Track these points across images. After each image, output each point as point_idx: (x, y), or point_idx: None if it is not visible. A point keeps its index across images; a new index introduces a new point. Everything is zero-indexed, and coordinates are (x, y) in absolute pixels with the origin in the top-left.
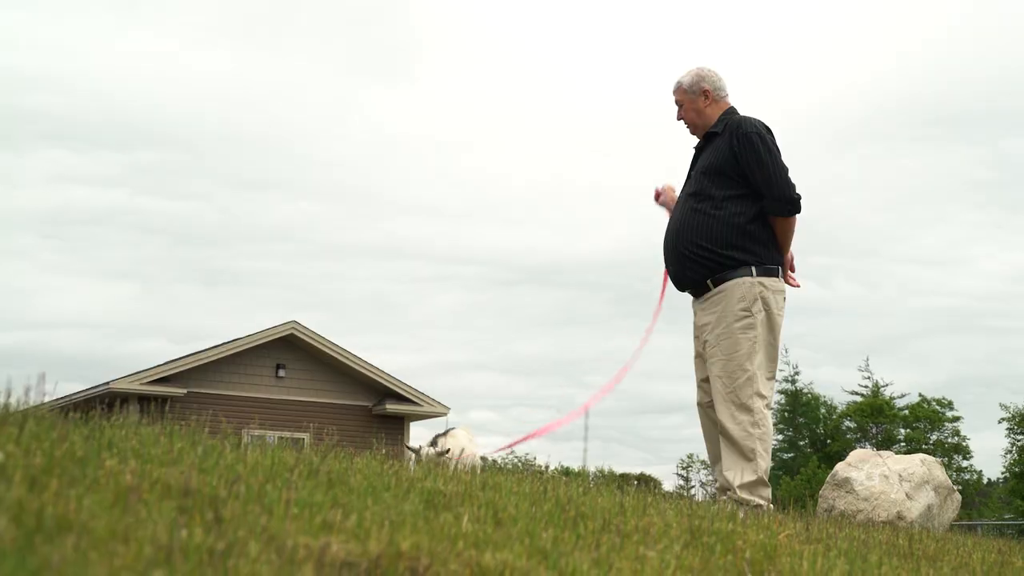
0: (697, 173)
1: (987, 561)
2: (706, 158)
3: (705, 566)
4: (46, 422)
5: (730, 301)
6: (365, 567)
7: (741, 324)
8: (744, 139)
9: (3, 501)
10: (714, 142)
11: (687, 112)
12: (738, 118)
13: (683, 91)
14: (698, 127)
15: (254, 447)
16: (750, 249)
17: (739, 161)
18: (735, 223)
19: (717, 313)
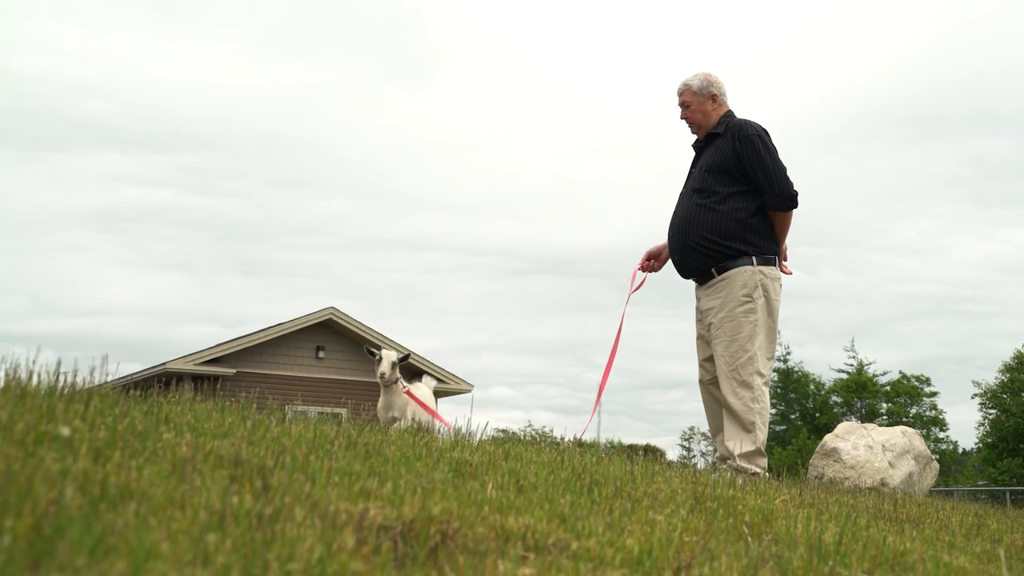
0: (701, 171)
1: (965, 523)
2: (709, 157)
3: (709, 528)
4: (109, 399)
5: (733, 288)
6: (400, 530)
7: (743, 309)
8: (746, 140)
9: (70, 472)
10: (716, 142)
11: (694, 113)
12: (738, 120)
13: (692, 93)
14: (702, 127)
15: (297, 421)
16: (750, 240)
17: (741, 160)
18: (737, 217)
19: (721, 298)
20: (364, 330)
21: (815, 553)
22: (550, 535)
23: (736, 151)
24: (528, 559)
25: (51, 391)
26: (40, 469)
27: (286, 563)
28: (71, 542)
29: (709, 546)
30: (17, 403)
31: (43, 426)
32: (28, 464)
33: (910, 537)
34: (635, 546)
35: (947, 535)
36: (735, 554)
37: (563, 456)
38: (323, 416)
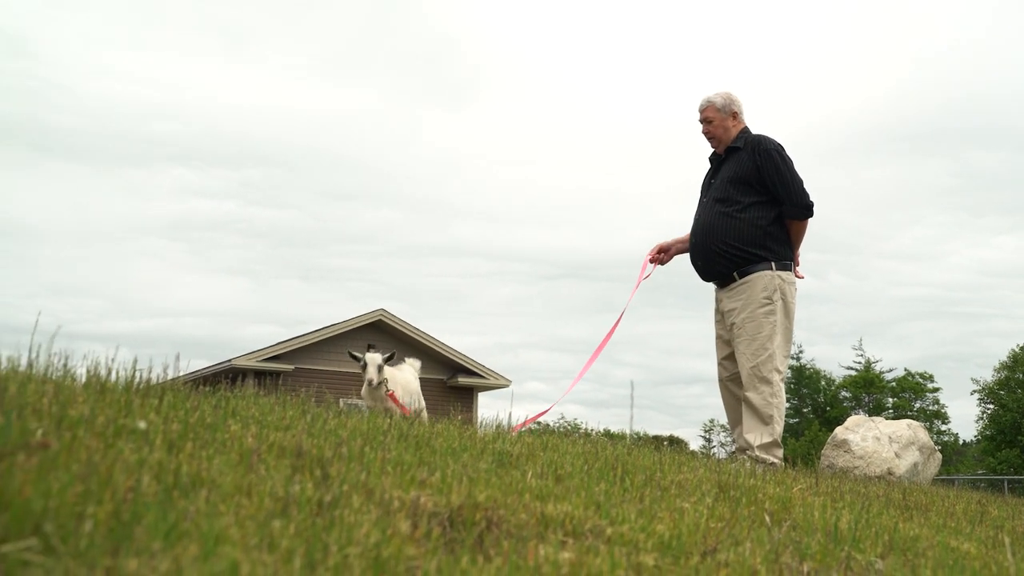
0: (723, 182)
1: (969, 511)
2: (730, 169)
3: (733, 515)
4: (181, 394)
5: (754, 291)
6: (448, 516)
7: (764, 310)
8: (765, 154)
9: (146, 462)
10: (736, 156)
11: (716, 128)
12: (757, 136)
13: (715, 110)
14: (722, 142)
15: (351, 414)
16: (769, 247)
17: (761, 173)
18: (757, 225)
19: (742, 300)
20: (411, 330)
21: (831, 539)
22: (587, 521)
23: (757, 164)
24: (567, 544)
25: (128, 387)
26: (119, 460)
27: (345, 547)
28: (147, 527)
29: (733, 532)
30: (98, 398)
31: (121, 420)
32: (108, 455)
33: (918, 524)
34: (665, 532)
35: (952, 522)
36: (757, 539)
37: (596, 447)
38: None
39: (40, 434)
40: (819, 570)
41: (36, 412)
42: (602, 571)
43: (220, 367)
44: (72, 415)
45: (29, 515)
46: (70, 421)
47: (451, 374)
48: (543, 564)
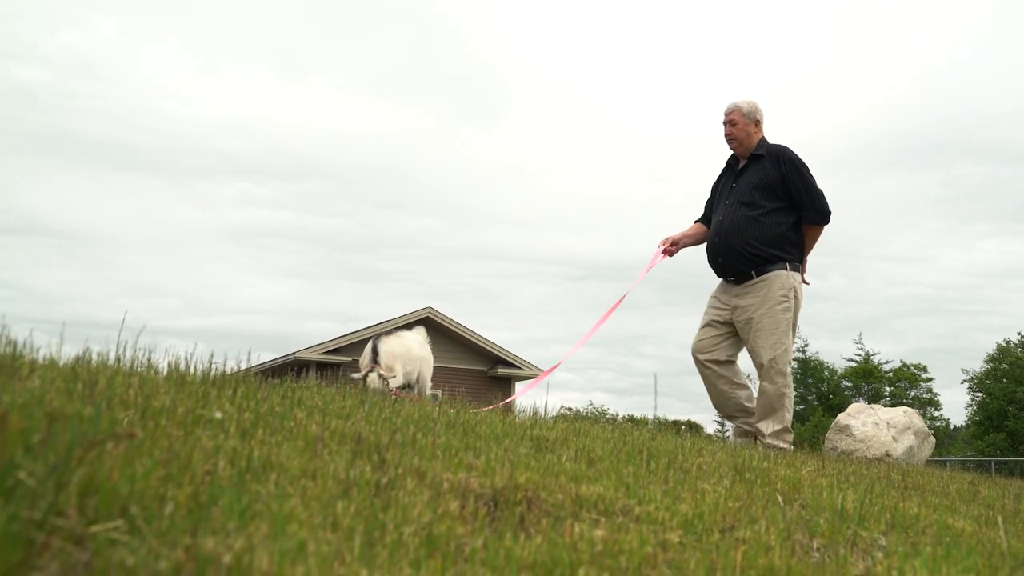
0: (748, 186)
1: (962, 491)
2: (754, 175)
3: (748, 496)
4: (253, 386)
5: (772, 289)
6: (493, 496)
7: (781, 307)
8: (790, 164)
9: (222, 448)
10: (760, 163)
11: (739, 131)
12: (780, 146)
13: (741, 114)
14: (744, 146)
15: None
16: (787, 249)
17: (786, 181)
18: (778, 229)
19: (760, 297)
20: (455, 326)
21: (838, 517)
22: (617, 501)
23: (782, 172)
24: (600, 522)
25: (205, 379)
26: (197, 446)
27: (400, 525)
28: (223, 508)
29: (750, 511)
30: (178, 390)
31: (199, 410)
32: (187, 442)
33: (917, 503)
34: (688, 511)
35: (947, 501)
36: (771, 518)
37: (623, 433)
38: None
39: (127, 423)
40: (828, 546)
41: (123, 403)
42: (632, 547)
43: (285, 359)
44: (155, 405)
45: (116, 498)
46: (153, 411)
47: (491, 365)
48: (578, 541)
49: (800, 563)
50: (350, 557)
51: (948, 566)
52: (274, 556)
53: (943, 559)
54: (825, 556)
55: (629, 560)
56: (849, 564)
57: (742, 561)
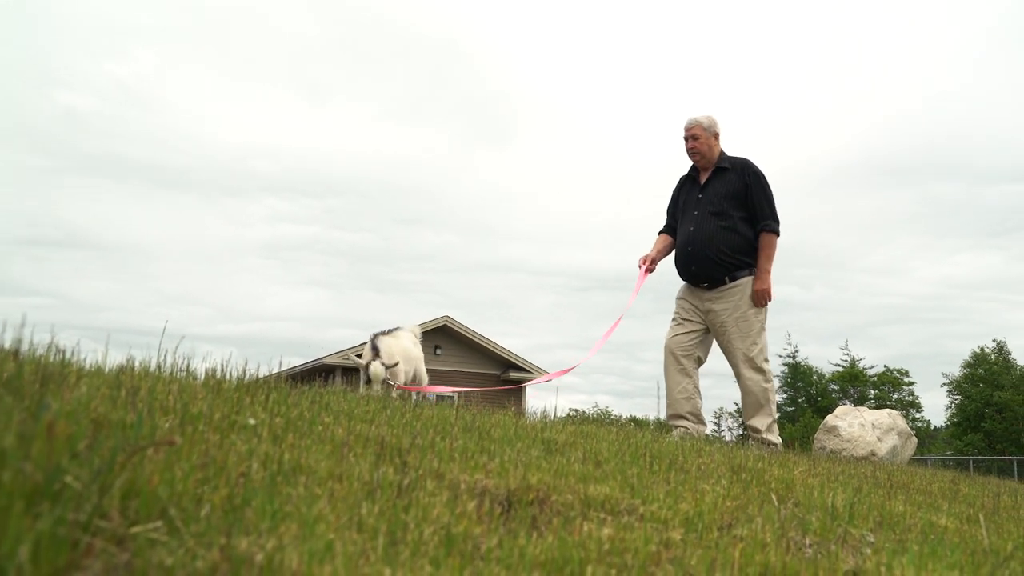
0: (717, 197)
1: (944, 489)
2: (721, 186)
3: (745, 495)
4: (283, 392)
5: (745, 293)
6: (506, 497)
7: (753, 310)
8: (754, 176)
9: (255, 452)
10: (724, 175)
11: (701, 145)
12: (742, 158)
13: (702, 129)
14: (706, 159)
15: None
16: (753, 257)
17: (749, 191)
18: (747, 237)
19: (734, 301)
20: (470, 333)
21: (829, 515)
22: (622, 501)
23: (746, 183)
24: (607, 521)
25: (239, 385)
26: (232, 450)
27: (421, 525)
28: (256, 510)
29: (747, 510)
30: (215, 396)
31: (234, 416)
32: (223, 446)
33: (902, 501)
34: (689, 510)
35: (930, 499)
36: (767, 516)
37: (627, 436)
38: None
39: (167, 429)
40: (820, 543)
41: (164, 409)
42: (637, 545)
43: (312, 364)
44: (193, 411)
45: (156, 501)
46: (191, 417)
47: (504, 370)
48: (587, 540)
49: (794, 560)
50: (374, 556)
51: (934, 563)
52: (304, 556)
53: (929, 556)
54: (817, 553)
55: (635, 558)
56: (840, 561)
57: (740, 558)
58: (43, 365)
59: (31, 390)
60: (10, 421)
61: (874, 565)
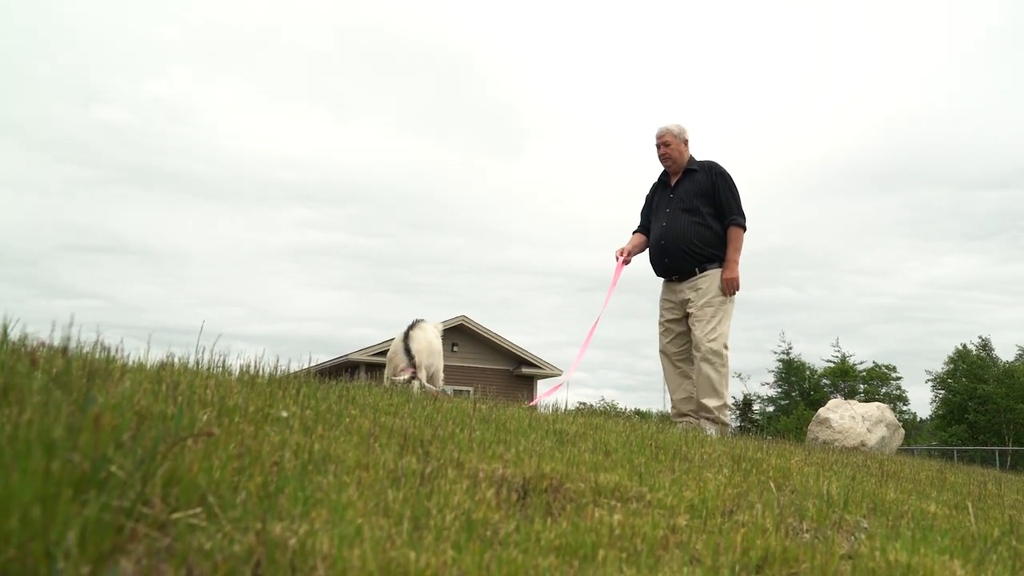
0: (688, 195)
1: (931, 477)
2: (692, 185)
3: (745, 483)
4: (313, 386)
5: (712, 284)
6: (522, 484)
7: (719, 299)
8: (721, 176)
9: (287, 442)
10: (694, 176)
11: (673, 150)
12: (710, 161)
13: (673, 136)
14: (677, 163)
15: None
16: (722, 249)
17: (716, 189)
18: (716, 232)
19: (702, 290)
20: (484, 331)
21: (825, 502)
22: (631, 489)
23: (714, 182)
24: (616, 507)
25: (272, 380)
26: (266, 441)
27: (443, 511)
28: (289, 497)
29: (747, 497)
30: (249, 390)
31: (267, 409)
32: (257, 437)
33: (893, 489)
34: (693, 497)
35: (919, 487)
36: (766, 503)
37: (634, 427)
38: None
39: (205, 421)
40: (816, 529)
41: (202, 402)
42: (646, 531)
43: (338, 360)
44: (229, 404)
45: (196, 488)
46: (227, 409)
47: (516, 366)
48: (599, 525)
49: (793, 544)
50: (400, 540)
51: (925, 547)
52: (334, 540)
53: (921, 541)
54: (815, 538)
55: (644, 542)
56: (836, 545)
57: (742, 543)
58: (90, 361)
59: (79, 385)
60: (59, 414)
61: (869, 550)
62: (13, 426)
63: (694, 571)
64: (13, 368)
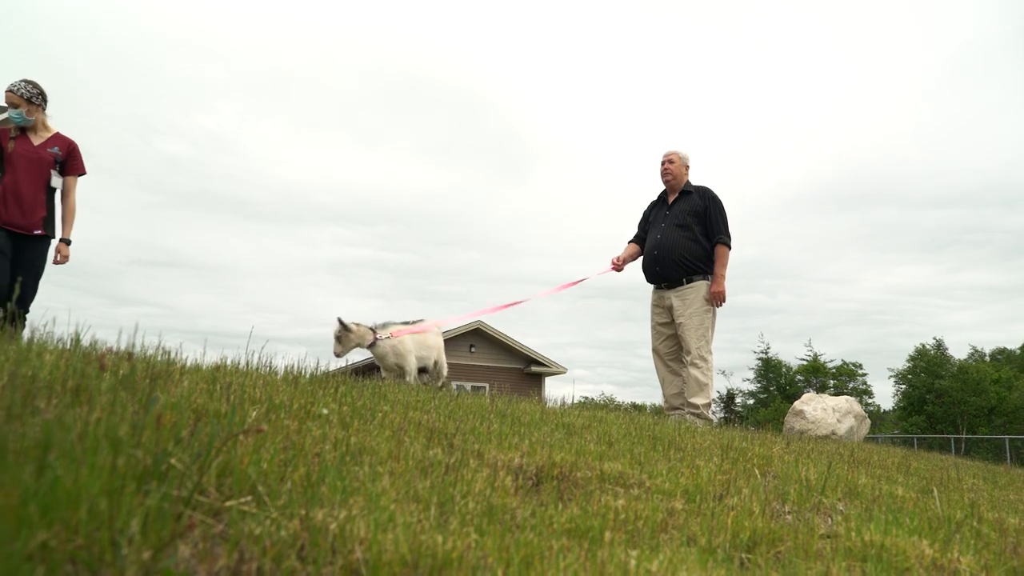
0: (683, 213)
1: (897, 463)
2: (687, 205)
3: (733, 469)
4: (349, 384)
5: (699, 293)
6: (536, 473)
7: (704, 308)
8: (713, 200)
9: (327, 436)
10: (689, 197)
11: (676, 169)
12: (704, 186)
13: (678, 157)
14: (676, 181)
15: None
16: (708, 265)
17: (707, 211)
18: (704, 247)
19: (689, 299)
20: (498, 334)
21: (804, 487)
22: (632, 476)
23: (706, 205)
24: (619, 493)
25: (313, 380)
26: (308, 435)
27: (466, 497)
28: (329, 486)
29: (736, 483)
30: (293, 389)
31: (309, 407)
32: (301, 431)
33: (864, 474)
34: (688, 483)
35: (888, 472)
36: (753, 488)
37: (632, 420)
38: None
39: (255, 417)
40: (798, 511)
41: (252, 400)
42: (647, 514)
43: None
44: (276, 402)
45: (246, 479)
46: (274, 407)
47: (526, 364)
48: (605, 510)
49: (777, 525)
50: (428, 525)
51: (897, 528)
52: (370, 525)
53: (892, 523)
54: (797, 519)
55: (645, 524)
56: (816, 526)
57: (733, 524)
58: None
59: (142, 386)
60: (125, 413)
61: (846, 530)
62: (83, 424)
63: (691, 551)
64: (84, 371)
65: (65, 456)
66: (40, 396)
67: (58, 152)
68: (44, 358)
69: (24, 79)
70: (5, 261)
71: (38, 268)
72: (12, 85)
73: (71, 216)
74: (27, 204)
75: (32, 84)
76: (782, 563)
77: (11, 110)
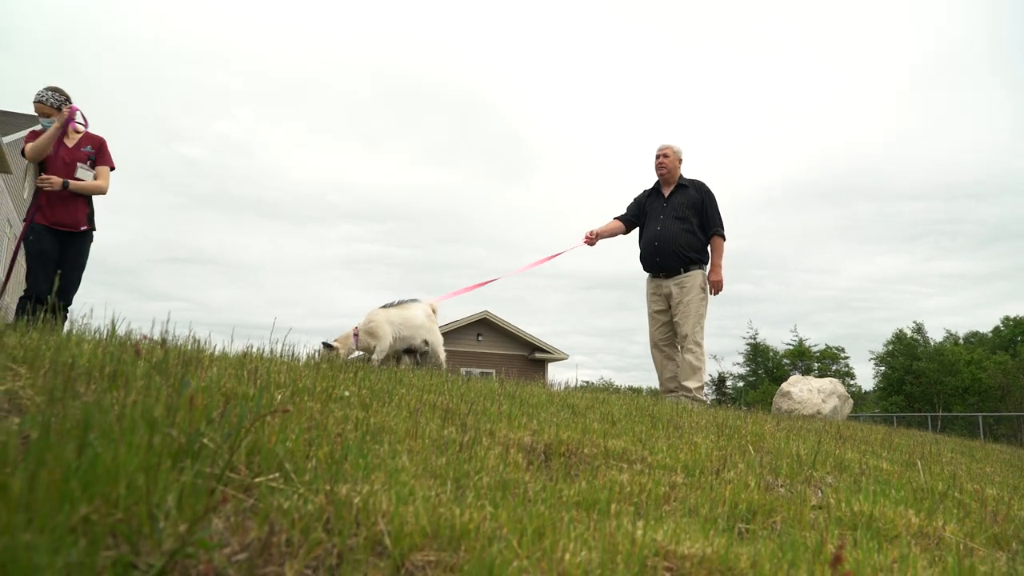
0: (680, 206)
1: (879, 439)
2: (683, 198)
3: (728, 446)
4: (367, 369)
5: (694, 283)
6: (544, 450)
7: (700, 296)
8: (708, 195)
9: (349, 417)
10: (685, 191)
11: (671, 163)
12: (698, 180)
13: (673, 151)
14: (670, 174)
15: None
16: (704, 255)
17: (703, 204)
18: (700, 239)
19: (686, 288)
20: (504, 323)
21: (795, 462)
22: (635, 452)
23: (702, 198)
24: (623, 468)
25: (333, 365)
26: (331, 416)
27: (480, 473)
28: (351, 463)
29: (731, 458)
30: (316, 374)
31: (331, 390)
32: (324, 412)
33: (851, 450)
34: (687, 459)
35: (872, 448)
36: (747, 463)
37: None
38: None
39: (280, 400)
40: (790, 484)
41: (277, 384)
42: (650, 488)
43: None
44: (300, 386)
45: (274, 457)
46: (299, 390)
47: (531, 351)
48: (610, 484)
49: (771, 497)
50: (446, 499)
51: (884, 500)
52: (391, 499)
53: (880, 495)
54: (789, 491)
55: (648, 497)
56: (807, 497)
57: (730, 497)
58: (184, 352)
59: (175, 371)
60: (160, 396)
61: (836, 502)
62: (120, 406)
63: (693, 521)
64: (120, 358)
65: (104, 436)
66: (79, 381)
67: (91, 150)
68: (82, 347)
69: (48, 87)
70: (52, 267)
71: (82, 263)
72: (39, 95)
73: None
74: (71, 204)
75: (58, 91)
76: (778, 532)
77: (42, 119)
